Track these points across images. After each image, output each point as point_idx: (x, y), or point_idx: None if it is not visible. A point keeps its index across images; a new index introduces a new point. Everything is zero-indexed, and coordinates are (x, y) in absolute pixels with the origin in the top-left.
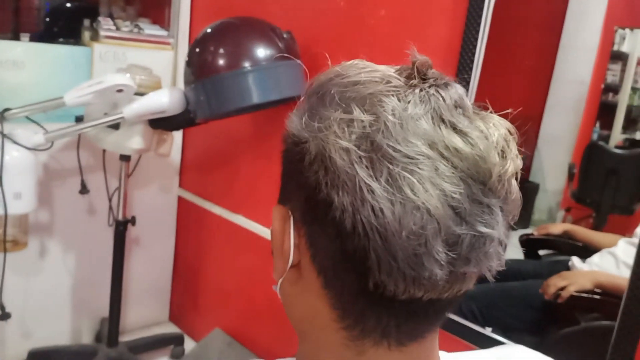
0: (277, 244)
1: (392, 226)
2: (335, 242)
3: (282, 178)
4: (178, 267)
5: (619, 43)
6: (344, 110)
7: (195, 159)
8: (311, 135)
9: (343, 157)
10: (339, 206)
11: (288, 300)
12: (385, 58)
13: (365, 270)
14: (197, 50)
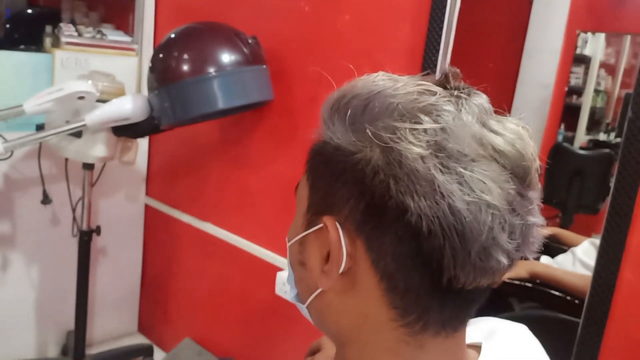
0: (314, 258)
1: (469, 224)
2: (407, 245)
3: (317, 190)
4: (146, 277)
5: (582, 46)
6: (412, 120)
7: (162, 167)
8: (375, 145)
9: (421, 164)
10: (415, 211)
11: (330, 311)
12: (349, 61)
13: (440, 268)
14: (160, 55)
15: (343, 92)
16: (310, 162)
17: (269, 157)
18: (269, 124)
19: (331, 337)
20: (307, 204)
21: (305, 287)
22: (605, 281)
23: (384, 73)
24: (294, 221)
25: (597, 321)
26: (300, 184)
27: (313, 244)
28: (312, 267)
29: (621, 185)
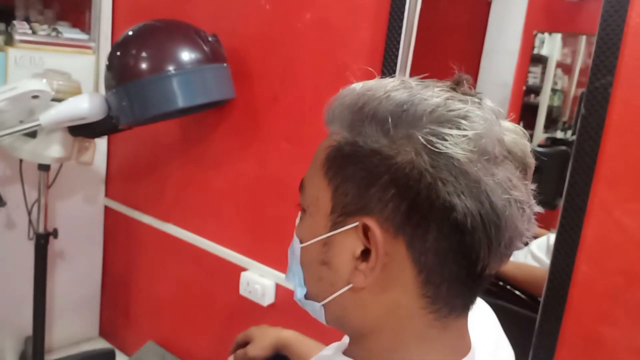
0: (343, 257)
1: (504, 219)
2: (450, 241)
3: (345, 192)
4: (107, 280)
5: (539, 47)
6: (455, 125)
7: (121, 167)
8: (421, 149)
9: (471, 167)
10: (462, 209)
11: (356, 305)
12: (311, 60)
13: (477, 258)
14: (118, 53)
15: (363, 97)
16: (334, 165)
17: (231, 156)
18: (231, 123)
19: (349, 330)
20: (330, 205)
21: (327, 285)
22: (562, 275)
23: (398, 77)
24: (306, 223)
25: (554, 314)
26: (311, 187)
27: (341, 244)
28: (339, 266)
29: (575, 181)
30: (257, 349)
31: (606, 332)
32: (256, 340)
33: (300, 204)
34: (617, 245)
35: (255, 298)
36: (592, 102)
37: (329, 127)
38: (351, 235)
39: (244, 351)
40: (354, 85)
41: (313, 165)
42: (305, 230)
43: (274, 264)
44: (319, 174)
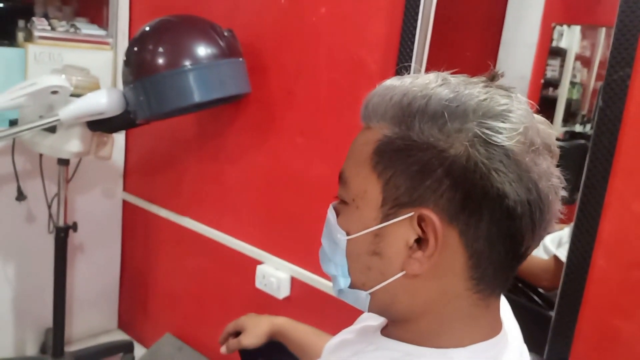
0: (396, 247)
1: (547, 205)
2: (501, 226)
3: (397, 185)
4: (125, 273)
5: (557, 39)
6: (505, 119)
7: (139, 162)
8: (477, 142)
9: (523, 158)
10: (513, 197)
11: (405, 291)
12: (327, 54)
13: (522, 241)
14: (135, 49)
15: (409, 93)
16: (385, 159)
17: (247, 150)
18: (247, 117)
19: (396, 315)
20: (380, 198)
21: (377, 274)
22: (578, 269)
23: (435, 74)
24: (351, 215)
25: (570, 308)
26: (356, 180)
27: (394, 235)
28: (391, 256)
29: (592, 174)
30: (251, 337)
31: (623, 327)
32: (249, 329)
33: (340, 196)
34: (634, 239)
35: (271, 291)
36: (610, 94)
37: (370, 122)
38: (404, 226)
39: (237, 340)
40: (391, 82)
41: (355, 158)
42: (353, 222)
43: (290, 257)
44: (365, 168)
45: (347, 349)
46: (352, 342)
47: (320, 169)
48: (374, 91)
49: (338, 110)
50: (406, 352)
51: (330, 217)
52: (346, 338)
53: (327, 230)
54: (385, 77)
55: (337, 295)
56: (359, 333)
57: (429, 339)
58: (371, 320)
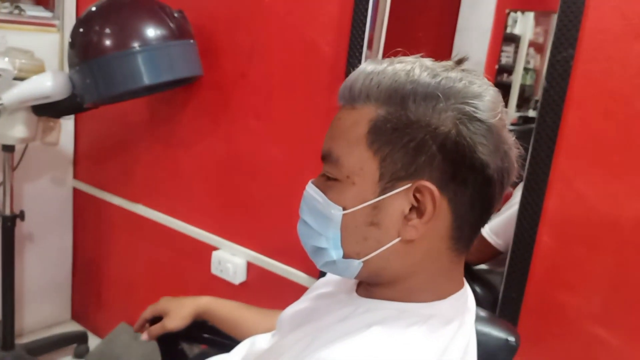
0: (394, 217)
1: (513, 172)
2: (481, 192)
3: (394, 160)
4: (77, 263)
5: (512, 25)
6: (482, 99)
7: (89, 148)
8: (465, 120)
9: (503, 131)
10: (492, 166)
11: (398, 256)
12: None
13: (493, 203)
14: (81, 30)
15: (398, 76)
16: (382, 138)
17: (200, 134)
18: (199, 101)
19: (386, 278)
20: (378, 173)
21: (373, 243)
22: (524, 246)
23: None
24: (347, 191)
25: (517, 284)
26: (350, 159)
27: (392, 205)
28: (389, 225)
29: (537, 153)
30: (176, 320)
31: (567, 301)
32: (172, 312)
33: (330, 174)
34: (577, 216)
35: (227, 277)
36: (554, 75)
37: (354, 103)
38: (401, 197)
39: (160, 325)
40: (373, 66)
41: (345, 138)
42: (349, 197)
43: (245, 243)
44: (359, 146)
45: (325, 316)
46: (323, 308)
47: (274, 152)
48: (355, 75)
49: (292, 93)
50: (399, 310)
51: (314, 194)
52: (309, 306)
53: (311, 207)
54: (338, 60)
55: (321, 267)
56: (325, 299)
57: (416, 296)
58: (324, 288)
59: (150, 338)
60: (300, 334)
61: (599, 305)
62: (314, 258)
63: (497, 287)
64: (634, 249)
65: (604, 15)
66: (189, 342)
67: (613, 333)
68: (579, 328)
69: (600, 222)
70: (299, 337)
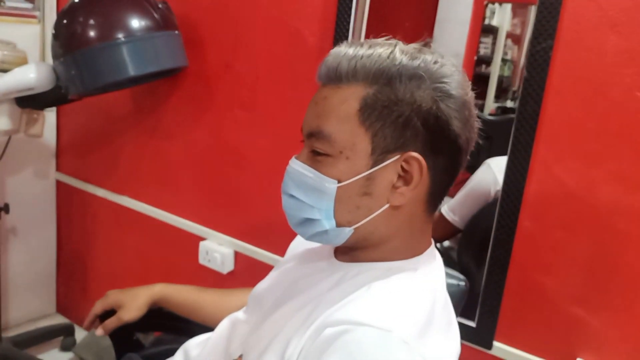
0: (384, 186)
1: (474, 140)
2: (453, 159)
3: (384, 135)
4: (62, 256)
5: (490, 17)
6: (455, 79)
7: (72, 140)
8: (443, 97)
9: (472, 107)
10: (463, 136)
11: (385, 221)
12: (263, 26)
13: (460, 168)
14: (64, 21)
15: (383, 58)
16: (373, 114)
17: (185, 125)
18: (184, 92)
19: (373, 242)
20: (370, 147)
21: (365, 211)
22: (506, 230)
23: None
24: (340, 165)
25: (499, 267)
26: (342, 135)
27: (382, 176)
28: (380, 194)
29: (518, 141)
30: (132, 311)
31: (547, 282)
32: (127, 303)
33: (322, 150)
34: (556, 201)
35: (215, 266)
36: (534, 65)
37: (339, 83)
38: (390, 167)
39: (116, 318)
40: (354, 49)
41: (336, 115)
42: (343, 170)
43: (233, 232)
44: (350, 123)
45: (315, 284)
46: (306, 277)
47: (260, 142)
48: (338, 56)
49: (277, 82)
50: (386, 268)
51: (302, 170)
52: (285, 279)
53: (300, 182)
54: (323, 50)
55: (309, 237)
56: (301, 270)
57: (398, 254)
58: (290, 262)
59: (106, 332)
60: (294, 305)
61: (578, 286)
62: (302, 229)
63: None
64: (610, 232)
65: (581, 6)
66: (143, 331)
67: (592, 313)
68: (560, 309)
69: (579, 207)
70: (294, 309)
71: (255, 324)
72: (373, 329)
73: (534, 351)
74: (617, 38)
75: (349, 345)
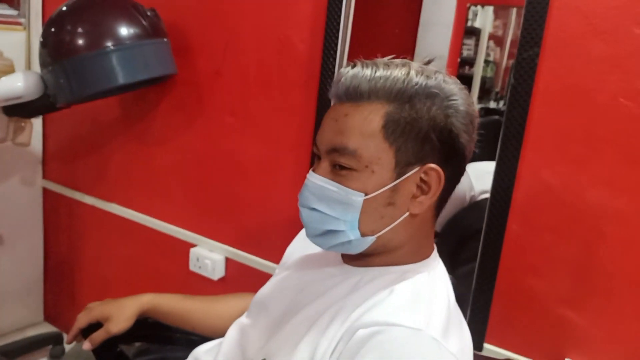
0: (406, 196)
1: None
2: (457, 169)
3: (407, 149)
4: (50, 264)
5: (472, 19)
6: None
7: (59, 147)
8: (457, 115)
9: (475, 120)
10: (468, 148)
11: (403, 229)
12: (253, 33)
13: (461, 177)
14: (53, 29)
15: (401, 79)
16: (397, 131)
17: (175, 132)
18: (174, 99)
19: (390, 247)
20: (394, 161)
21: (388, 220)
22: (495, 234)
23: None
24: (367, 178)
25: (489, 270)
26: (367, 150)
27: (404, 187)
28: (401, 203)
29: (506, 146)
30: (120, 322)
31: (536, 284)
32: (114, 315)
33: (348, 166)
34: (544, 205)
35: (206, 273)
36: (521, 72)
37: (358, 101)
38: (411, 179)
39: (104, 331)
40: (370, 70)
41: (360, 132)
42: (370, 184)
43: (223, 239)
44: (375, 139)
45: (330, 290)
46: (317, 284)
47: (251, 149)
48: (357, 77)
49: (267, 90)
50: (402, 271)
51: (325, 185)
52: (289, 285)
53: (322, 196)
54: (312, 57)
55: (330, 247)
56: (308, 276)
57: (410, 258)
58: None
59: (94, 346)
60: (314, 309)
61: (566, 288)
62: (322, 240)
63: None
64: (596, 234)
65: (567, 15)
66: (126, 342)
67: (579, 314)
68: (548, 310)
69: (566, 210)
70: (315, 313)
71: (269, 328)
72: (404, 329)
73: (523, 352)
74: (601, 45)
75: (383, 345)
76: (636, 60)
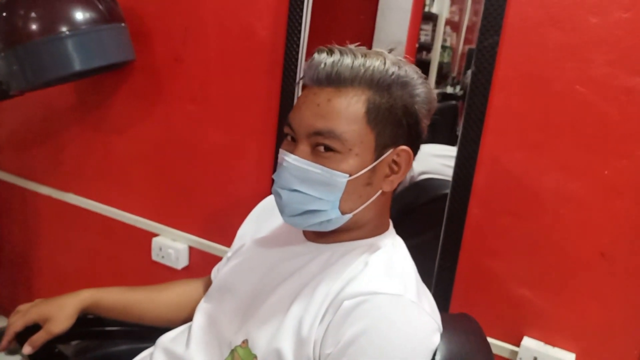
0: (381, 176)
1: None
2: (416, 150)
3: (385, 133)
4: (3, 256)
5: (429, 5)
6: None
7: (11, 136)
8: (424, 100)
9: (435, 102)
10: (426, 127)
11: (375, 205)
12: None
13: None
14: (4, 14)
15: (382, 69)
16: (378, 116)
17: (134, 119)
18: (132, 86)
19: (362, 222)
20: (374, 144)
21: (365, 199)
22: (457, 218)
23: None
24: (350, 160)
25: (450, 253)
26: (352, 134)
27: (380, 167)
28: (376, 183)
29: (467, 132)
30: (61, 322)
31: (495, 266)
32: (55, 315)
33: (333, 148)
34: (503, 190)
35: (169, 262)
36: (481, 60)
37: (339, 86)
38: (386, 160)
39: (44, 332)
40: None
41: (345, 117)
42: (354, 165)
43: (186, 227)
44: (358, 123)
45: (302, 268)
46: (285, 262)
47: (213, 136)
48: (337, 63)
49: (229, 77)
50: (368, 244)
51: (308, 167)
52: (254, 265)
53: (304, 177)
54: (275, 44)
55: (309, 226)
56: (273, 255)
57: (374, 232)
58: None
59: (35, 349)
60: (290, 287)
61: (524, 269)
62: (300, 220)
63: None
64: (552, 217)
65: (525, 4)
66: (64, 342)
67: (537, 293)
68: (507, 291)
69: (524, 194)
70: (292, 290)
71: (241, 310)
72: (387, 296)
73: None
74: (558, 34)
75: (371, 312)
76: (591, 49)
